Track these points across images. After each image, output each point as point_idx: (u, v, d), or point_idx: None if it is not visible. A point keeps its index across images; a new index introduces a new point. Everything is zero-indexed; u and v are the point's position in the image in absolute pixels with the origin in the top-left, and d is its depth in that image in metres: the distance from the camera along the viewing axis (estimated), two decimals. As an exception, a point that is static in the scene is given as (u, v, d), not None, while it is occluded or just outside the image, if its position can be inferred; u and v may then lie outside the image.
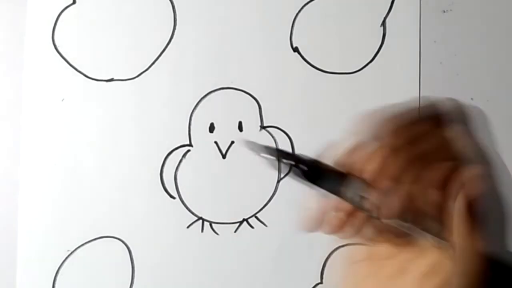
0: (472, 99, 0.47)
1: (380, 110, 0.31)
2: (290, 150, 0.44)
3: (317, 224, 0.31)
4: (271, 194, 0.48)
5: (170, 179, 0.49)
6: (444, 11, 0.48)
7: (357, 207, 0.30)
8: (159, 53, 0.49)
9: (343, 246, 0.37)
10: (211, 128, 0.49)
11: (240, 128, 0.48)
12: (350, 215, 0.30)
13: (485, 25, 0.47)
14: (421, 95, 0.47)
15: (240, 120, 0.48)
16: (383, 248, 0.32)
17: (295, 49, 0.49)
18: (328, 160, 0.31)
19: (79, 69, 0.50)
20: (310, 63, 0.48)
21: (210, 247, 0.48)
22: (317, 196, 0.31)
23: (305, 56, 0.48)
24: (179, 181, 0.49)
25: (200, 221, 0.48)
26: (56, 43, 0.50)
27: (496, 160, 0.35)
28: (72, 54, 0.50)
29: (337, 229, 0.31)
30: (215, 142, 0.48)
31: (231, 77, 0.49)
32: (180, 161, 0.49)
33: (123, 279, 0.48)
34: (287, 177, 0.48)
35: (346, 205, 0.30)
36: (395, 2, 0.48)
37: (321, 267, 0.47)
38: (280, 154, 0.32)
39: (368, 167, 0.29)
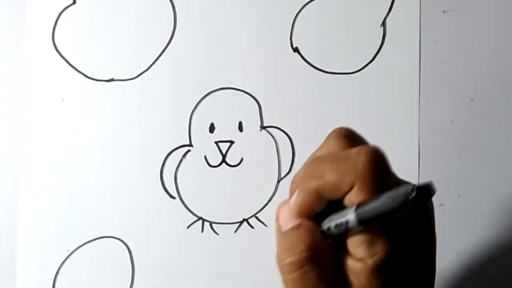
0: (472, 99, 0.47)
1: None
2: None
3: None
4: (271, 194, 0.48)
5: (170, 179, 0.49)
6: (444, 11, 0.48)
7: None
8: (159, 53, 0.49)
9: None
10: (211, 128, 0.49)
11: (240, 128, 0.48)
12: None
13: (485, 25, 0.47)
14: (421, 95, 0.47)
15: (240, 120, 0.48)
16: None
17: (295, 49, 0.49)
18: None
19: (79, 69, 0.50)
20: (310, 63, 0.48)
21: (210, 247, 0.48)
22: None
23: (305, 56, 0.48)
24: (179, 181, 0.49)
25: (200, 221, 0.48)
26: (56, 43, 0.50)
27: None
28: (72, 54, 0.50)
29: None
30: (216, 142, 0.48)
31: (231, 77, 0.49)
32: (180, 161, 0.49)
33: (123, 279, 0.48)
34: (287, 177, 0.48)
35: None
36: (395, 2, 0.48)
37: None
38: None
39: None
